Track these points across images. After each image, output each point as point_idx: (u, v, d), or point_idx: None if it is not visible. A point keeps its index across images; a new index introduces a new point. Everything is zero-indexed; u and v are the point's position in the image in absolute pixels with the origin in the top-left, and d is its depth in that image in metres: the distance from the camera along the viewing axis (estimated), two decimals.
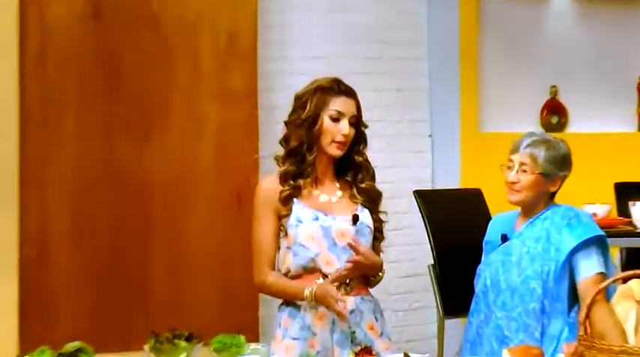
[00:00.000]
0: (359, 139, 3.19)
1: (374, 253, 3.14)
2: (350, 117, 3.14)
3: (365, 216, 3.17)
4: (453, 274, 4.23)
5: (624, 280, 2.72)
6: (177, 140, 4.55)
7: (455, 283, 4.17)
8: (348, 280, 3.11)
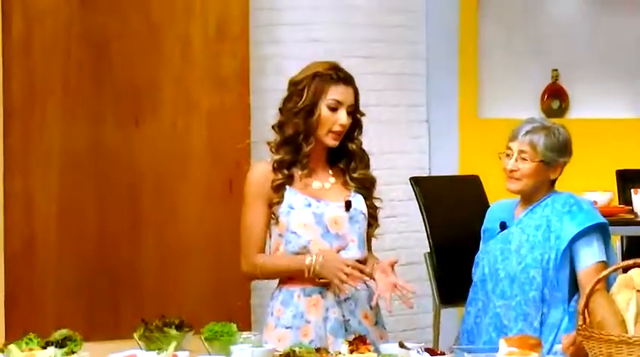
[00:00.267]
0: (354, 127, 3.15)
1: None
2: (348, 106, 3.10)
3: (358, 202, 3.15)
4: (449, 263, 4.24)
5: (625, 269, 2.70)
6: (167, 126, 4.56)
7: (451, 272, 4.18)
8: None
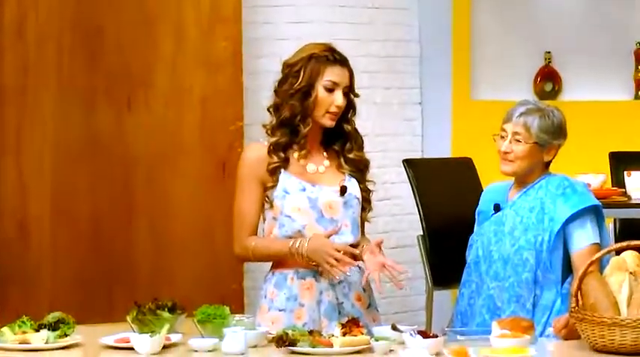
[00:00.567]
0: (348, 108, 3.15)
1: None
2: (344, 87, 3.10)
3: (353, 186, 3.15)
4: (442, 245, 4.24)
5: (618, 251, 2.70)
6: (160, 109, 4.53)
7: (444, 254, 4.18)
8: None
